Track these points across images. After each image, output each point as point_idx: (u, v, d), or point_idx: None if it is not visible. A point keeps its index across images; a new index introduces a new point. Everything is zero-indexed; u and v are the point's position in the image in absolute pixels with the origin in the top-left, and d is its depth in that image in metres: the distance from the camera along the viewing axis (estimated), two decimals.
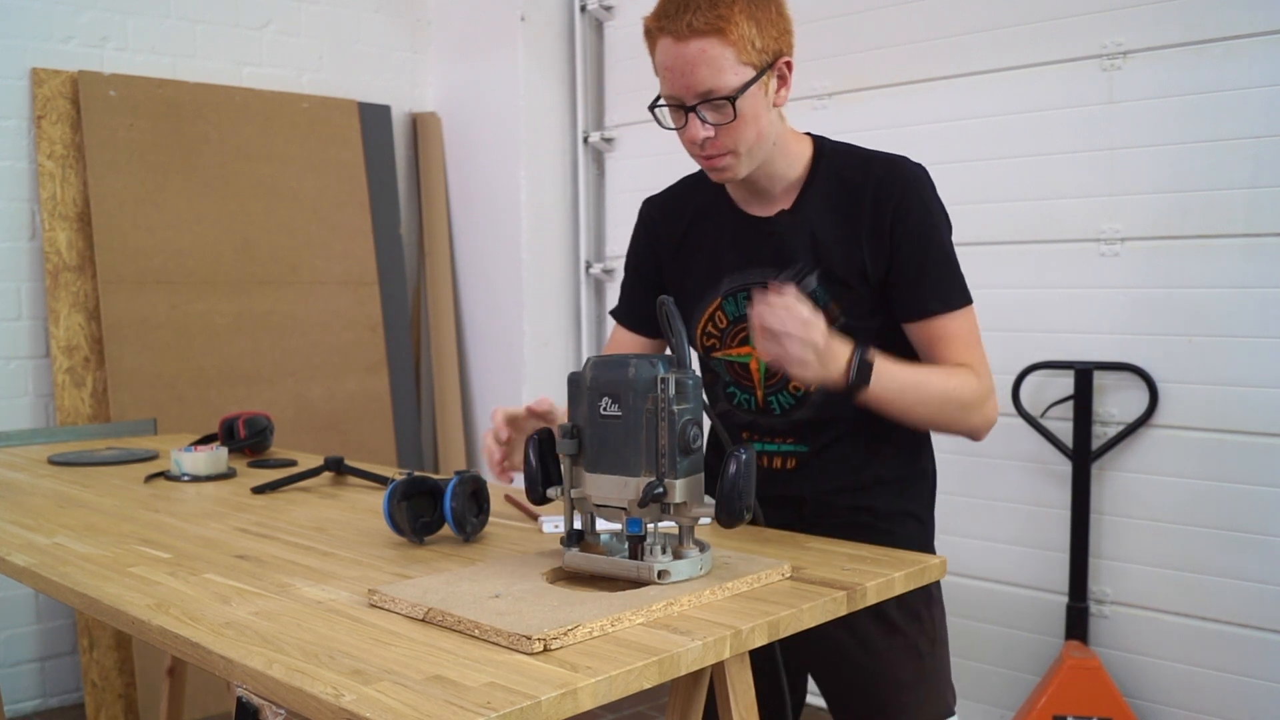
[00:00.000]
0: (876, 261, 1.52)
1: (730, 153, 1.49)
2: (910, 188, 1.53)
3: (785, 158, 1.57)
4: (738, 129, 1.47)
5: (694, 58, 1.43)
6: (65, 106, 3.44)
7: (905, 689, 1.61)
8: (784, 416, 1.61)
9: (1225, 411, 2.63)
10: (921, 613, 1.63)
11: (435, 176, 4.22)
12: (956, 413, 1.51)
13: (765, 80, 1.47)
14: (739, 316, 1.60)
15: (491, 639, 1.08)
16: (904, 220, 1.51)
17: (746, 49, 1.43)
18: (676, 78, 1.46)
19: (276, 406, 3.71)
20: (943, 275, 1.53)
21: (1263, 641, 2.60)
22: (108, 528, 1.66)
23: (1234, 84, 2.58)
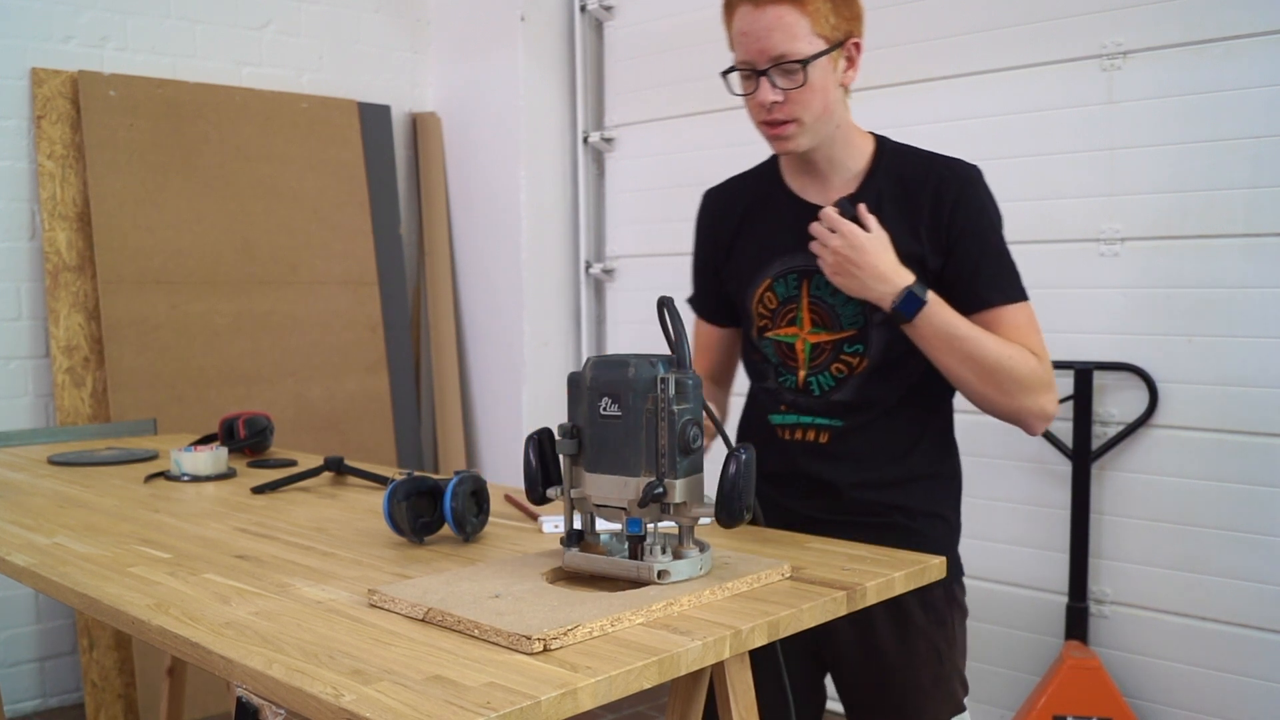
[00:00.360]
0: (934, 254, 1.57)
1: (795, 120, 1.55)
2: (969, 186, 1.58)
3: (848, 146, 1.62)
4: (805, 96, 1.52)
5: (770, 22, 1.49)
6: (65, 106, 3.44)
7: (921, 691, 1.63)
8: (822, 397, 1.64)
9: (1225, 411, 2.63)
10: (945, 616, 1.65)
11: (435, 176, 4.22)
12: (1008, 384, 1.53)
13: (835, 56, 1.54)
14: (788, 298, 1.64)
15: (491, 639, 1.08)
16: (963, 215, 1.56)
17: (821, 21, 1.51)
18: (751, 42, 1.51)
19: (276, 406, 3.71)
20: (1000, 270, 1.58)
21: (1263, 641, 2.60)
22: (107, 528, 1.66)
23: (1234, 84, 2.58)
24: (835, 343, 1.62)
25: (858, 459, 1.64)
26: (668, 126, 3.79)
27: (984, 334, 1.54)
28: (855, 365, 1.61)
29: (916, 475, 1.65)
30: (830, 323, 1.62)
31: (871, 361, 1.60)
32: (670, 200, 3.79)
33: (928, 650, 1.63)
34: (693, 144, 3.70)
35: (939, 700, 1.63)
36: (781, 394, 1.68)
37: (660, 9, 3.78)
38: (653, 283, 3.87)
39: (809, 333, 1.64)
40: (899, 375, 1.61)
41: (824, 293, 1.61)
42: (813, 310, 1.63)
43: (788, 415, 1.68)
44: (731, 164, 3.84)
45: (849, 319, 1.61)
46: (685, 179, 3.74)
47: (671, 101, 3.75)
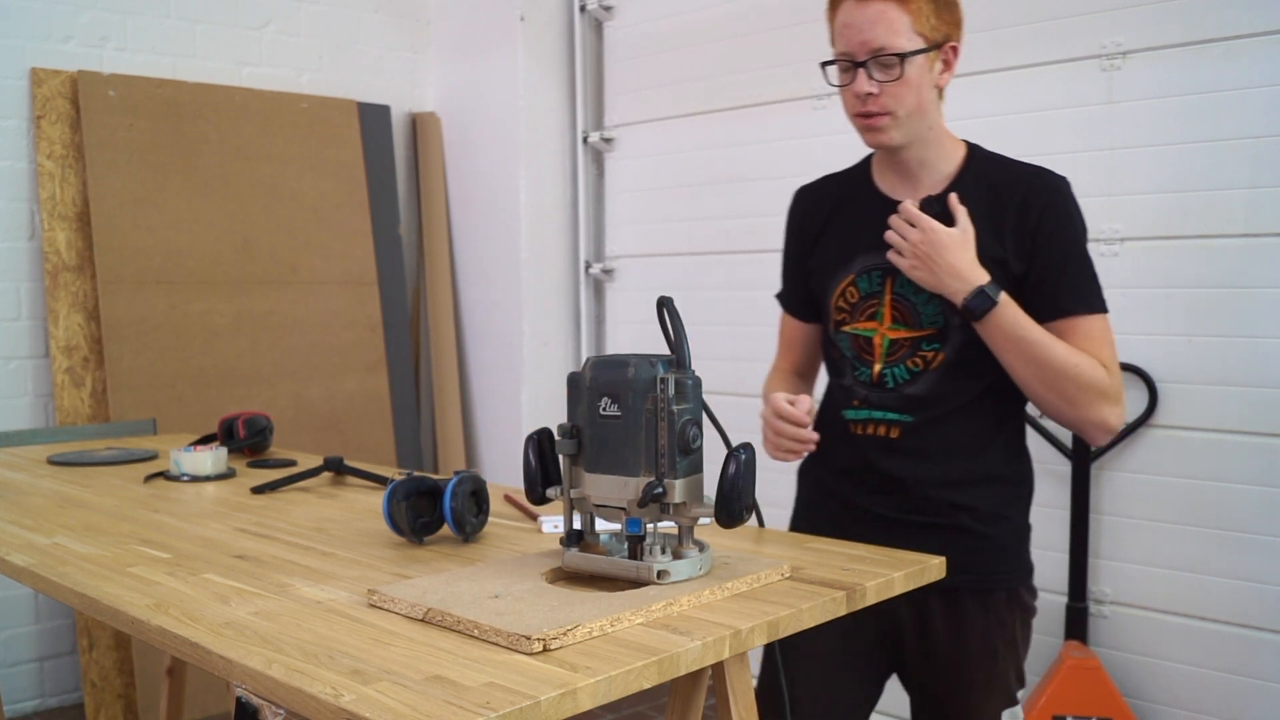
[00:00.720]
0: (1018, 259, 1.59)
1: (889, 114, 1.58)
2: (1057, 194, 1.61)
3: (939, 149, 1.66)
4: (900, 90, 1.56)
5: (873, 16, 1.55)
6: (65, 106, 3.44)
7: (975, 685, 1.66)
8: (896, 390, 1.66)
9: (1225, 411, 2.63)
10: (1005, 617, 1.67)
11: (435, 176, 4.22)
12: (1072, 392, 1.55)
13: (933, 56, 1.59)
14: (870, 293, 1.67)
15: (491, 639, 1.08)
16: (1049, 223, 1.59)
17: (923, 21, 1.56)
18: (853, 34, 1.57)
19: (276, 406, 3.71)
20: (1082, 279, 1.60)
21: (1263, 641, 2.60)
22: (107, 528, 1.66)
23: (1234, 84, 2.58)
24: (914, 340, 1.64)
25: (927, 456, 1.66)
26: (667, 126, 3.79)
27: (1054, 341, 1.56)
28: (931, 360, 1.63)
29: (986, 476, 1.66)
30: (911, 320, 1.64)
31: (947, 358, 1.62)
32: (670, 200, 3.79)
33: (983, 648, 1.66)
34: (692, 144, 3.70)
35: (991, 694, 1.67)
36: (856, 389, 1.70)
37: (660, 9, 3.78)
38: (653, 283, 3.87)
39: (889, 328, 1.66)
40: (973, 374, 1.63)
41: (907, 290, 1.64)
42: (895, 307, 1.65)
43: (860, 410, 1.70)
44: (730, 164, 3.86)
45: (929, 318, 1.63)
46: (685, 179, 3.74)
47: (671, 101, 3.75)
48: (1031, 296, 1.59)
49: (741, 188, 3.56)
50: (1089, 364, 1.56)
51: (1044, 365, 1.55)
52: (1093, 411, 1.57)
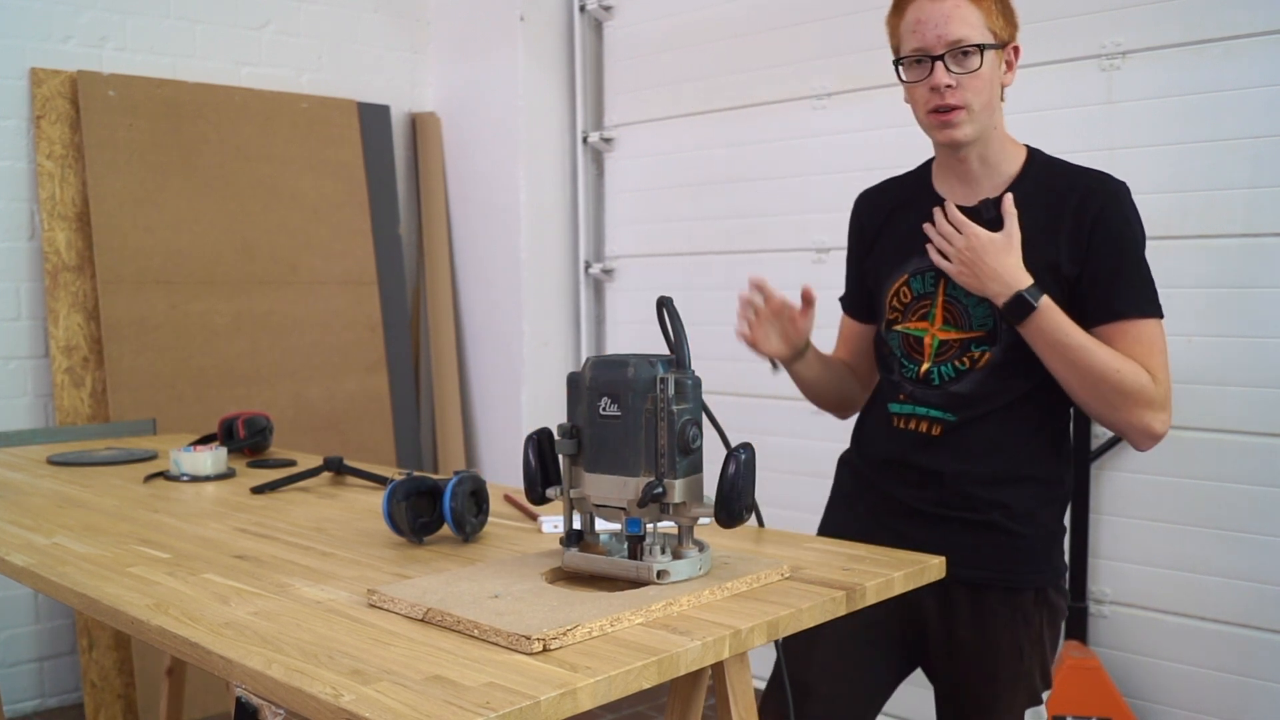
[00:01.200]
0: (1072, 261, 1.60)
1: (964, 107, 1.59)
2: (1114, 198, 1.62)
3: (1002, 149, 1.68)
4: (976, 83, 1.59)
5: (949, 11, 1.58)
6: (64, 106, 3.44)
7: (999, 683, 1.67)
8: (941, 387, 1.67)
9: (1225, 411, 2.63)
10: (1032, 616, 1.68)
11: (434, 176, 4.22)
12: (1113, 397, 1.56)
13: (1001, 54, 1.62)
14: (923, 293, 1.69)
15: (491, 639, 1.08)
16: (1104, 226, 1.59)
17: (993, 18, 1.59)
18: (929, 29, 1.58)
19: (276, 406, 3.71)
20: (1136, 283, 1.60)
21: (1263, 641, 2.60)
22: (107, 528, 1.66)
23: (1233, 84, 2.58)
24: (963, 341, 1.66)
25: (966, 452, 1.66)
26: (667, 126, 3.79)
27: (1098, 346, 1.56)
28: (978, 360, 1.65)
29: (1022, 476, 1.67)
30: (962, 321, 1.66)
31: (994, 359, 1.63)
32: (670, 200, 3.79)
33: (1009, 647, 1.66)
34: (692, 144, 3.70)
35: (1016, 693, 1.67)
36: (902, 384, 1.72)
37: (660, 9, 3.78)
38: (652, 283, 3.87)
39: (939, 329, 1.68)
40: (1018, 375, 1.63)
41: (959, 292, 1.65)
42: (947, 308, 1.67)
43: (905, 405, 1.71)
44: (730, 164, 3.86)
45: (980, 320, 1.64)
46: (685, 179, 3.74)
47: (671, 101, 3.75)
48: (1085, 299, 1.60)
49: (741, 188, 3.56)
50: (1132, 370, 1.56)
51: (1086, 370, 1.56)
52: (1134, 416, 1.57)
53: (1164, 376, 1.59)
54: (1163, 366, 1.59)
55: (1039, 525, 1.69)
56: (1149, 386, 1.56)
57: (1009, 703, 1.67)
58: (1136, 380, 1.56)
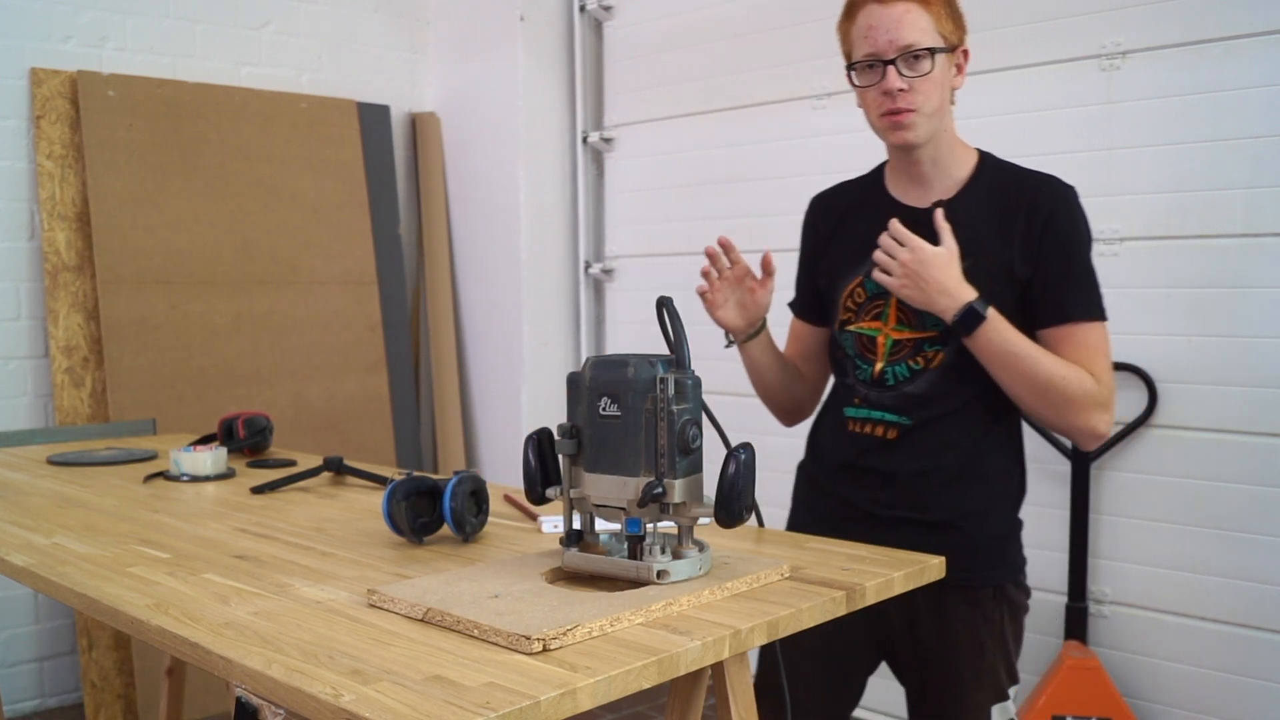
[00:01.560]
0: (1023, 264, 1.63)
1: (916, 110, 1.62)
2: (1064, 202, 1.65)
3: (953, 153, 1.71)
4: (927, 86, 1.61)
5: (899, 16, 1.60)
6: (64, 106, 3.44)
7: (963, 680, 1.69)
8: (895, 388, 1.69)
9: (1225, 411, 2.63)
10: (992, 613, 1.69)
11: (434, 176, 4.22)
12: (1059, 402, 1.59)
13: (951, 58, 1.65)
14: (877, 294, 1.71)
15: (491, 639, 1.08)
16: (1054, 229, 1.62)
17: (943, 22, 1.62)
18: (880, 34, 1.61)
19: (275, 406, 3.71)
20: (1083, 286, 1.64)
21: (1262, 641, 2.60)
22: (107, 528, 1.66)
23: (1233, 84, 2.58)
24: (917, 341, 1.68)
25: (920, 453, 1.69)
26: (667, 126, 3.79)
27: (1042, 354, 1.60)
28: (931, 359, 1.67)
29: (976, 475, 1.69)
30: (914, 321, 1.67)
31: (947, 359, 1.66)
32: (670, 200, 3.79)
33: (971, 645, 1.68)
34: (692, 144, 3.70)
35: (979, 688, 1.69)
36: (857, 387, 1.74)
37: (660, 9, 3.78)
38: (652, 283, 3.86)
39: (893, 329, 1.70)
40: (971, 376, 1.65)
41: None
42: (900, 308, 1.69)
43: (860, 409, 1.73)
44: (730, 164, 3.86)
45: (933, 320, 1.66)
46: (685, 179, 3.74)
47: (671, 101, 3.75)
48: (1035, 301, 1.63)
49: (741, 188, 3.56)
50: (1077, 375, 1.59)
51: (1032, 378, 1.59)
52: (1080, 420, 1.61)
53: (1107, 378, 1.62)
54: (1106, 369, 1.63)
55: (993, 523, 1.71)
56: (1093, 390, 1.60)
57: (974, 700, 1.69)
58: (1081, 386, 1.59)
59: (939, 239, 1.62)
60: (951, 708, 1.70)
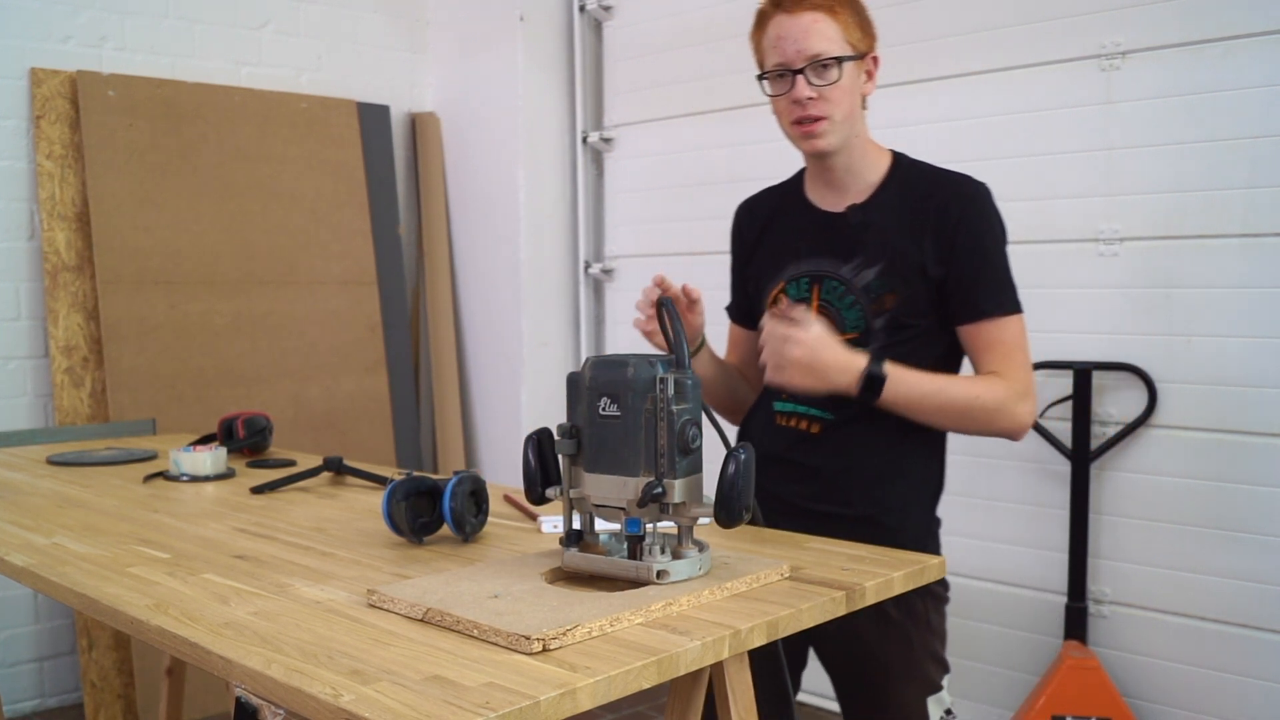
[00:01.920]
0: (937, 262, 1.67)
1: (826, 118, 1.66)
2: (974, 201, 1.69)
3: (865, 157, 1.74)
4: (836, 94, 1.65)
5: (806, 26, 1.64)
6: (64, 106, 3.44)
7: (892, 673, 1.72)
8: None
9: (1224, 411, 2.63)
10: (914, 605, 1.71)
11: (434, 176, 4.22)
12: (980, 418, 1.64)
13: (860, 65, 1.68)
14: (799, 299, 1.75)
15: (490, 639, 1.08)
16: (966, 229, 1.66)
17: (850, 31, 1.66)
18: (789, 44, 1.65)
19: (275, 406, 3.71)
20: (997, 282, 1.68)
21: (1262, 641, 2.60)
22: (106, 528, 1.66)
23: (1232, 84, 2.58)
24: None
25: (844, 449, 1.72)
26: (667, 126, 3.79)
27: (949, 382, 1.65)
28: None
29: (897, 472, 1.72)
30: (836, 324, 1.71)
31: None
32: (669, 200, 3.79)
33: (897, 636, 1.71)
34: (692, 144, 3.70)
35: (910, 681, 1.72)
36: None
37: (659, 9, 3.78)
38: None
39: None
40: None
41: (832, 297, 1.71)
42: (822, 312, 1.72)
43: (787, 403, 1.78)
44: (729, 164, 3.86)
45: (852, 323, 1.70)
46: (684, 179, 3.74)
47: (671, 101, 3.75)
48: (950, 299, 1.67)
49: (741, 188, 3.51)
50: (986, 387, 1.63)
51: (948, 410, 1.64)
52: (1003, 424, 1.65)
53: (1023, 372, 1.66)
54: (1023, 362, 1.67)
55: (914, 518, 1.75)
56: (1008, 394, 1.63)
57: (907, 693, 1.71)
58: (994, 395, 1.63)
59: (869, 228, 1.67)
60: (884, 702, 1.73)
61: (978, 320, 1.66)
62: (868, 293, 1.68)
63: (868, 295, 1.68)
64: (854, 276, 1.69)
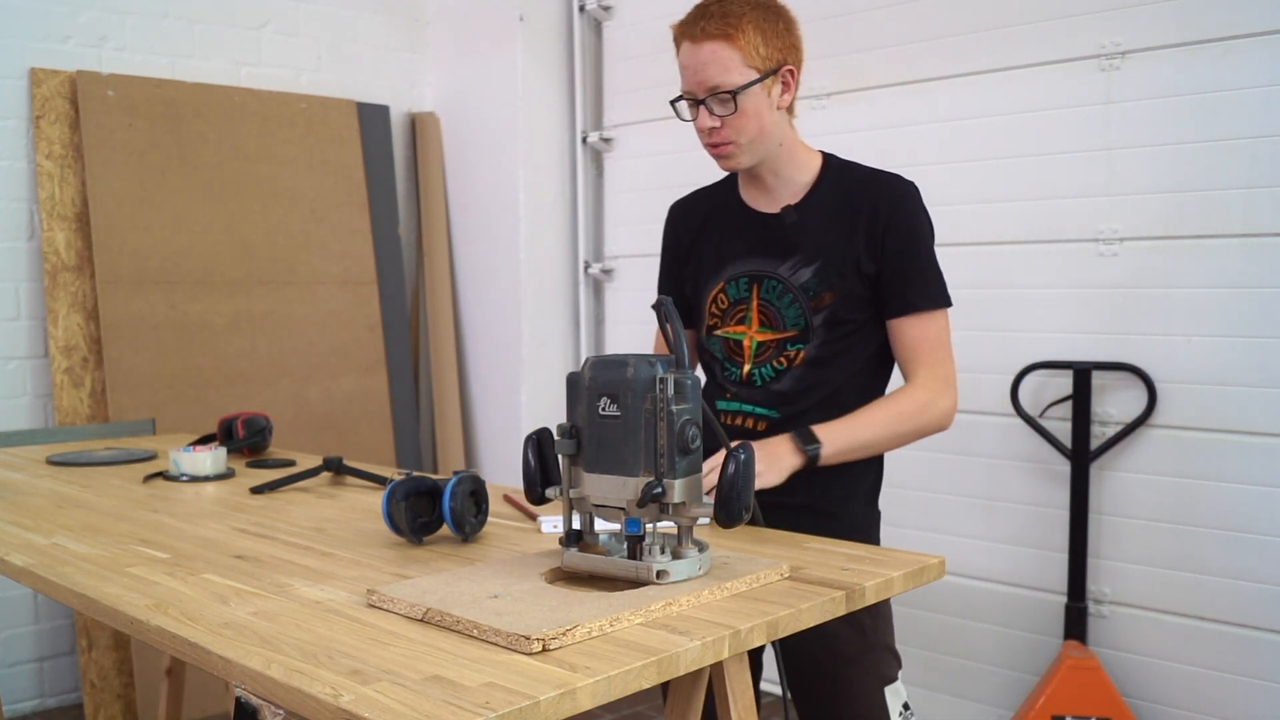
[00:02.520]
0: (869, 259, 1.72)
1: (732, 143, 1.71)
2: (904, 199, 1.74)
3: (793, 162, 1.78)
4: (739, 122, 1.69)
5: (706, 57, 1.67)
6: (64, 106, 3.44)
7: (847, 662, 1.74)
8: (764, 387, 1.78)
9: (1224, 411, 2.63)
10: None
11: (434, 177, 4.22)
12: (909, 425, 1.72)
13: (769, 84, 1.70)
14: (739, 298, 1.79)
15: (490, 639, 1.08)
16: (895, 226, 1.72)
17: (751, 54, 1.67)
18: (691, 75, 1.70)
19: (275, 406, 3.70)
20: (925, 276, 1.74)
21: (1262, 641, 2.60)
22: (106, 528, 1.66)
23: (1232, 84, 2.58)
24: (779, 341, 1.76)
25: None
26: (666, 127, 3.79)
27: (872, 415, 1.70)
28: (794, 358, 1.76)
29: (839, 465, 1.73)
30: (776, 323, 1.76)
31: (809, 355, 1.75)
32: (669, 200, 3.78)
33: (850, 626, 1.71)
34: (691, 144, 3.67)
35: (865, 671, 1.74)
36: (726, 385, 1.82)
37: (659, 9, 3.78)
38: (651, 283, 3.83)
39: (757, 331, 1.78)
40: (832, 369, 1.75)
41: (771, 296, 1.76)
42: (762, 311, 1.77)
43: (731, 402, 1.81)
44: None
45: (792, 321, 1.75)
46: (684, 179, 3.71)
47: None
48: (882, 295, 1.73)
49: None
50: (909, 402, 1.70)
51: (884, 441, 1.71)
52: (933, 425, 1.72)
53: (946, 365, 1.73)
54: (944, 357, 1.74)
55: (855, 506, 1.79)
56: (927, 394, 1.70)
57: (864, 683, 1.73)
58: (917, 405, 1.70)
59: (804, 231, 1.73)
60: (840, 693, 1.74)
61: (907, 314, 1.72)
62: (805, 291, 1.73)
63: (805, 293, 1.73)
64: (791, 275, 1.74)
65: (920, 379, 1.73)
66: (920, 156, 3.06)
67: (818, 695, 1.77)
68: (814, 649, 1.73)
